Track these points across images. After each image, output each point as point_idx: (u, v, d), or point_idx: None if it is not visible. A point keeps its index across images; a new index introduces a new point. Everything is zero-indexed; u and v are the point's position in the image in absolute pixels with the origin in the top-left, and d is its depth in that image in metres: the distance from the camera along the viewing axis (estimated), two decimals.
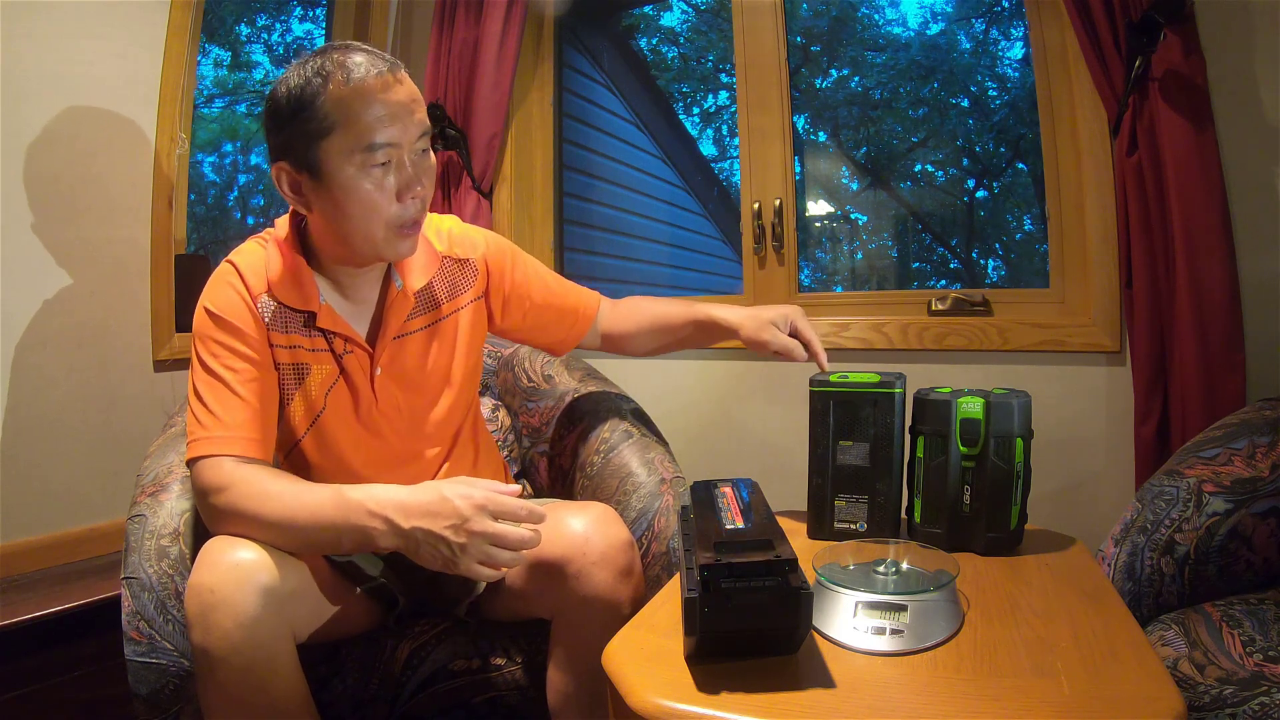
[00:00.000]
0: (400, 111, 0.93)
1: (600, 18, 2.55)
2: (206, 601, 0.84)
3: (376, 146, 0.91)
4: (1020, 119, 1.99)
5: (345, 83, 0.90)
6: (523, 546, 0.88)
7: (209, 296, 1.01)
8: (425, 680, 1.02)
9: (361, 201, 0.93)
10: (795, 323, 1.13)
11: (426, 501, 0.88)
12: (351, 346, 1.04)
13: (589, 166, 2.52)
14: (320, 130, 0.91)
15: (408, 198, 0.95)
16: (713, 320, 1.18)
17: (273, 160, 0.97)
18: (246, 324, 0.98)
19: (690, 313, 1.22)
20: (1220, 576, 1.00)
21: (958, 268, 2.25)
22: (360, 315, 1.06)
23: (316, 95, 0.91)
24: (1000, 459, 0.97)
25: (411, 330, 1.08)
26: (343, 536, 0.90)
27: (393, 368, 1.07)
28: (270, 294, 1.00)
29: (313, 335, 1.03)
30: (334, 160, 0.92)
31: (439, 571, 0.90)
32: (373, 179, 0.93)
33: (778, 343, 1.11)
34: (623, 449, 1.24)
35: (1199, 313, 1.31)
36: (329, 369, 1.04)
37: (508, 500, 0.88)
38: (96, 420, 1.74)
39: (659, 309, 1.25)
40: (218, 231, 2.63)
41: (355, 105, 0.90)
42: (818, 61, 2.29)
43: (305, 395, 1.03)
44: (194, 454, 0.94)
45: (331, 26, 2.38)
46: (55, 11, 1.65)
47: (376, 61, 0.93)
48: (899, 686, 0.68)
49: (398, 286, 1.06)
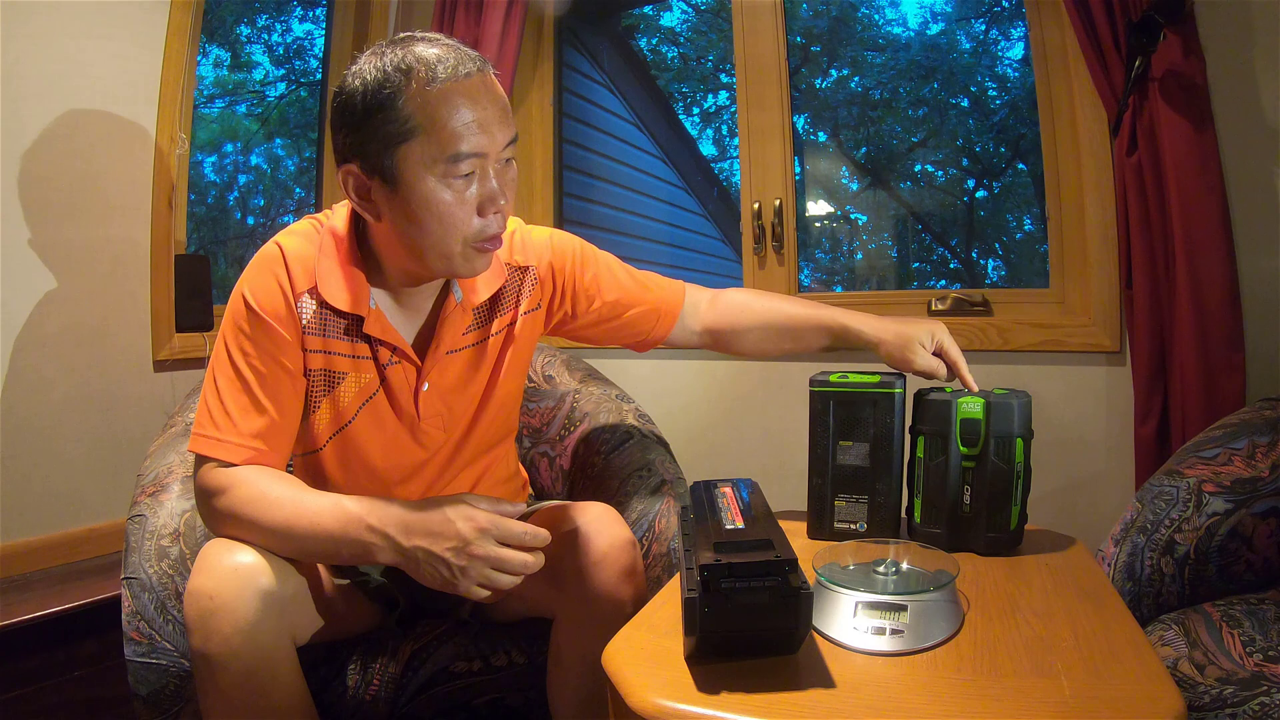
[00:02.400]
0: (490, 119, 0.85)
1: (600, 18, 2.55)
2: (206, 607, 0.83)
3: (462, 156, 0.84)
4: (1020, 119, 1.99)
5: (430, 82, 0.83)
6: (525, 571, 0.86)
7: (250, 282, 0.93)
8: (426, 681, 1.02)
9: (440, 215, 0.86)
10: (941, 341, 1.06)
11: (429, 521, 0.85)
12: (398, 358, 0.98)
13: (589, 166, 2.52)
14: (400, 134, 0.83)
15: (490, 212, 0.89)
16: (847, 329, 1.09)
17: (340, 161, 0.89)
18: (283, 324, 0.92)
19: (818, 317, 1.11)
20: (1220, 576, 1.00)
21: (958, 268, 2.25)
22: (410, 325, 1.00)
23: (398, 94, 0.83)
24: (1000, 459, 0.97)
25: (465, 345, 1.02)
26: (342, 549, 0.88)
27: (441, 384, 1.01)
28: (313, 293, 0.93)
29: (355, 342, 0.96)
30: (413, 168, 0.84)
31: (436, 589, 0.89)
32: (454, 190, 0.86)
33: (923, 362, 1.04)
34: (623, 449, 1.24)
35: (1199, 313, 1.31)
36: (368, 379, 0.97)
37: (512, 525, 0.86)
38: (96, 420, 1.74)
39: (779, 306, 1.15)
40: (218, 232, 2.63)
41: (441, 109, 0.83)
42: (818, 61, 2.28)
43: (333, 404, 0.97)
44: (200, 450, 0.91)
45: (331, 27, 2.39)
46: (55, 12, 1.65)
47: (465, 60, 0.85)
48: (899, 686, 0.68)
49: (456, 299, 0.99)
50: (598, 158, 2.58)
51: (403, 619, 1.10)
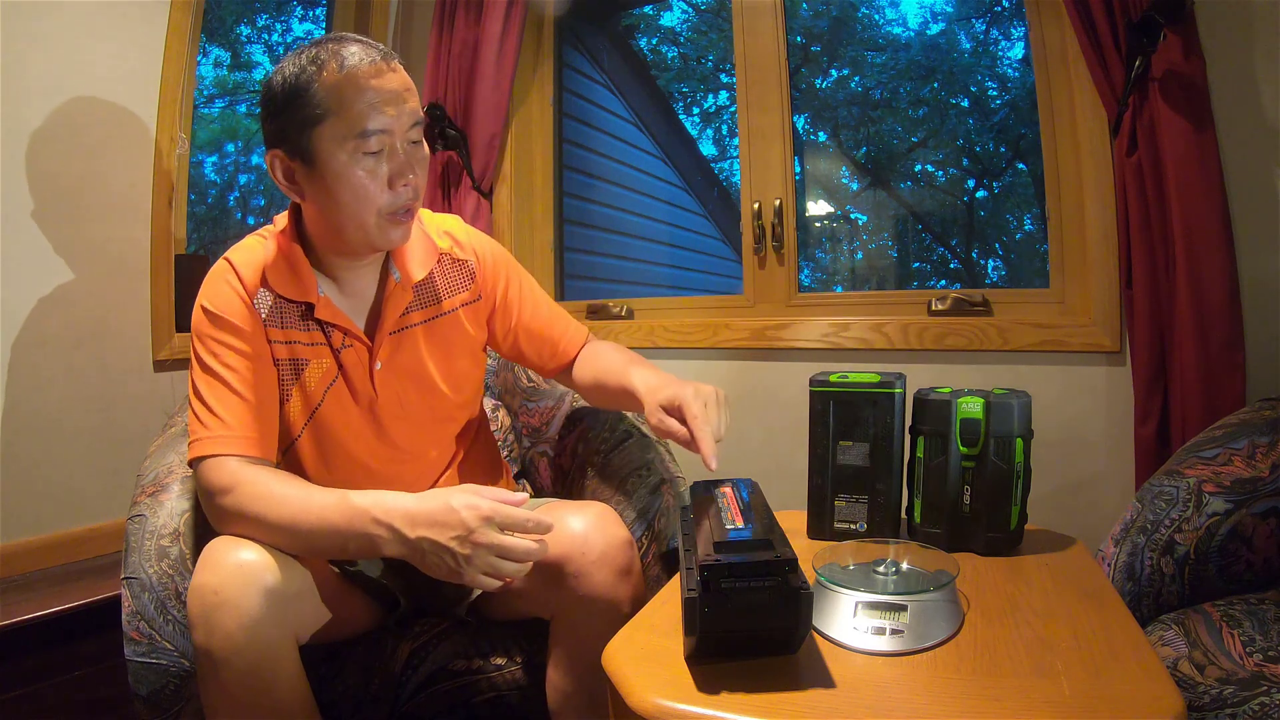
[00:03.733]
0: (392, 99, 0.93)
1: (600, 18, 2.55)
2: (210, 602, 0.84)
3: (369, 133, 0.92)
4: (1020, 119, 1.99)
5: (339, 70, 0.91)
6: (529, 559, 0.88)
7: (206, 294, 1.00)
8: (425, 680, 1.02)
9: (354, 189, 0.93)
10: (684, 400, 0.96)
11: (433, 511, 0.87)
12: (350, 340, 1.03)
13: (589, 166, 2.52)
14: (313, 118, 0.91)
15: (400, 185, 0.95)
16: (634, 389, 1.06)
17: (267, 148, 0.97)
18: (244, 320, 0.98)
19: (625, 377, 1.09)
20: (1220, 576, 1.00)
21: (958, 268, 2.25)
22: (358, 309, 1.06)
23: (310, 83, 0.91)
24: (1000, 459, 0.97)
25: (411, 324, 1.07)
26: (348, 542, 0.90)
27: (394, 363, 1.06)
28: (267, 287, 1.00)
29: (310, 329, 1.02)
30: (326, 147, 0.92)
31: (442, 579, 0.90)
32: (365, 166, 0.93)
33: (654, 422, 0.99)
34: (623, 449, 1.23)
35: (1199, 313, 1.31)
36: (327, 364, 1.03)
37: (514, 512, 0.88)
38: (96, 420, 1.74)
39: (605, 364, 1.16)
40: (218, 231, 2.63)
41: (348, 92, 0.91)
42: (818, 61, 2.29)
43: (303, 391, 1.02)
44: (197, 453, 0.94)
45: (331, 27, 2.39)
46: (55, 11, 1.65)
47: (369, 50, 0.93)
48: (899, 686, 0.68)
49: (395, 279, 1.05)
50: (598, 158, 2.58)
51: (402, 618, 1.11)
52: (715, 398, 0.98)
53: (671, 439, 0.98)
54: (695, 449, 0.94)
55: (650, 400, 1.01)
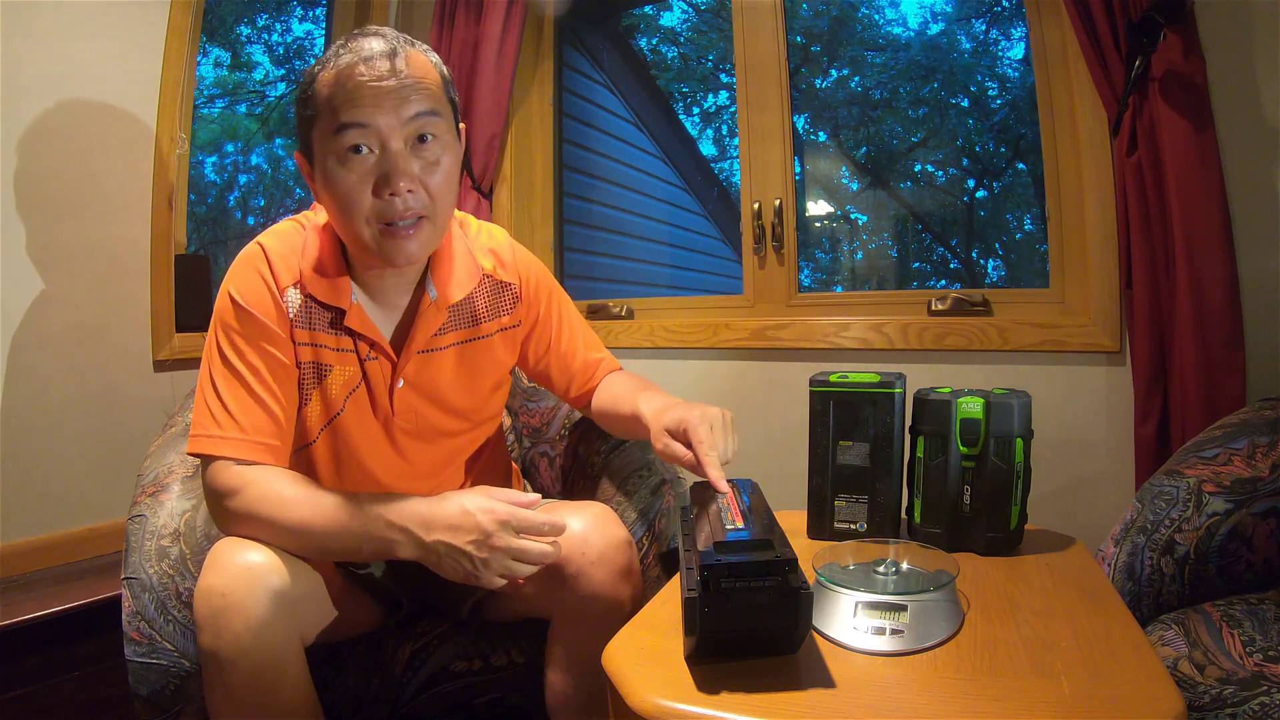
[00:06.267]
0: (376, 92, 0.85)
1: (600, 18, 2.55)
2: (217, 605, 0.82)
3: (344, 127, 0.85)
4: (1020, 119, 1.99)
5: (334, 66, 0.86)
6: (544, 561, 0.88)
7: (234, 282, 0.95)
8: (426, 681, 1.02)
9: (337, 193, 0.88)
10: (690, 424, 0.93)
11: (449, 515, 0.86)
12: (376, 353, 0.99)
13: (589, 166, 2.52)
14: (310, 117, 0.88)
15: (385, 193, 0.87)
16: (637, 414, 1.04)
17: None
18: (271, 318, 0.93)
19: (632, 403, 1.07)
20: (1220, 576, 1.00)
21: (958, 268, 2.26)
22: (389, 321, 1.00)
23: (313, 81, 0.88)
24: (1000, 459, 0.97)
25: (442, 346, 1.02)
26: (363, 545, 0.88)
27: (417, 383, 1.01)
28: (299, 286, 0.95)
29: (338, 335, 0.97)
30: (319, 147, 0.88)
31: (458, 581, 0.90)
32: (349, 168, 0.87)
33: (659, 446, 0.97)
34: (623, 449, 1.24)
35: (1199, 313, 1.31)
36: (352, 371, 0.98)
37: (530, 515, 0.87)
38: (96, 420, 1.74)
39: (616, 392, 1.13)
40: (218, 232, 2.63)
41: (334, 88, 0.86)
42: (818, 61, 2.29)
43: (324, 395, 0.98)
44: (206, 450, 0.91)
45: (331, 26, 2.39)
46: (55, 11, 1.65)
47: (376, 43, 0.88)
48: (899, 686, 0.68)
49: (431, 297, 1.00)
50: (598, 158, 2.58)
51: (404, 619, 1.10)
52: (722, 420, 0.95)
53: (677, 464, 0.95)
54: (701, 474, 0.92)
55: (655, 424, 0.98)
